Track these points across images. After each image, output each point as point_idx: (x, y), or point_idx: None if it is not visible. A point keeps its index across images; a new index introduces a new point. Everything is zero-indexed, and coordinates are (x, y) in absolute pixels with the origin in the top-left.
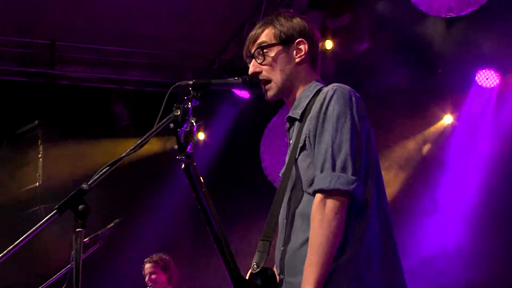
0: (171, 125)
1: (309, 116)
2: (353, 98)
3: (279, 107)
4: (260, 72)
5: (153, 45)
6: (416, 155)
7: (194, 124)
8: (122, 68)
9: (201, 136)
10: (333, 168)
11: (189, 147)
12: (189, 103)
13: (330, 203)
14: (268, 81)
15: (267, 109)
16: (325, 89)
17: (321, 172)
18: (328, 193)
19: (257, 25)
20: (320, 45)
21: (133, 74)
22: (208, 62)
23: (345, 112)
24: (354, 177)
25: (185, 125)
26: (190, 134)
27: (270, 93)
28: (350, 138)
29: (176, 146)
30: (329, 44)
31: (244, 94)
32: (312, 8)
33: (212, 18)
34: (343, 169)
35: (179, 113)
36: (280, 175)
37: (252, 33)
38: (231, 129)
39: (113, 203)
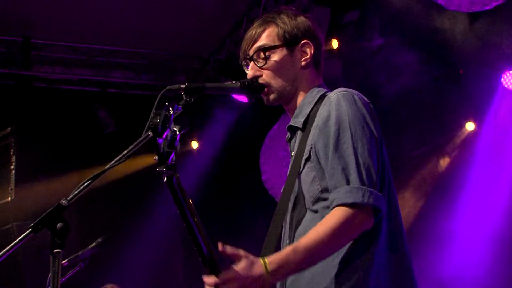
0: (150, 133)
1: (314, 125)
2: (363, 104)
3: (281, 113)
4: (260, 76)
5: (140, 43)
6: (433, 170)
7: (178, 132)
8: (106, 68)
9: (194, 145)
10: (362, 182)
11: (170, 157)
12: (170, 110)
13: (361, 217)
14: (268, 85)
15: (268, 114)
16: (331, 95)
17: (347, 184)
18: (359, 208)
19: (256, 23)
20: (324, 46)
21: (118, 76)
22: (201, 62)
23: (360, 120)
24: (380, 194)
25: (165, 133)
26: (172, 143)
27: (270, 97)
28: (371, 149)
29: (155, 157)
30: (335, 43)
31: (242, 98)
32: (317, 4)
33: (206, 13)
34: (372, 184)
35: (158, 120)
36: (281, 191)
37: (251, 32)
38: (227, 137)
39: (96, 221)
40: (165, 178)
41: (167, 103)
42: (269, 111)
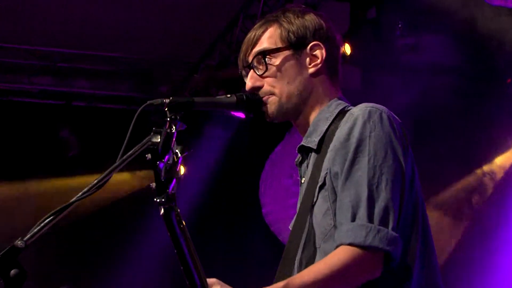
0: (148, 155)
1: (331, 146)
2: (394, 124)
3: (285, 131)
4: (261, 87)
5: (114, 45)
6: (473, 198)
7: (180, 155)
8: (71, 77)
9: (180, 170)
10: (370, 218)
11: (171, 186)
12: (173, 127)
13: (362, 262)
14: (270, 96)
15: (269, 132)
16: (354, 110)
17: (352, 220)
18: (360, 249)
19: (257, 24)
20: (342, 50)
21: (85, 85)
22: (188, 69)
23: (384, 143)
24: (395, 234)
25: (166, 157)
26: (174, 169)
27: (271, 109)
28: (393, 179)
29: (153, 185)
30: (347, 48)
31: (238, 113)
32: None
33: (193, 10)
34: (383, 221)
35: (159, 139)
36: (290, 228)
37: (250, 35)
38: (220, 161)
39: (59, 264)
40: (162, 211)
41: (168, 118)
42: (271, 128)
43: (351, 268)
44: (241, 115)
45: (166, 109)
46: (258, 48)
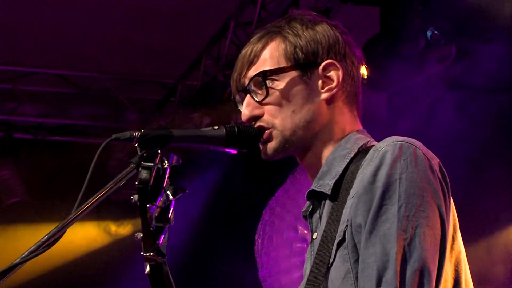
0: (133, 198)
1: (352, 191)
2: (431, 163)
3: (288, 170)
4: (260, 116)
5: (66, 61)
6: None
7: (172, 197)
8: (12, 101)
9: None
10: (401, 283)
11: (162, 236)
12: (165, 161)
13: None
14: (268, 128)
15: (268, 173)
16: (380, 145)
17: (378, 286)
18: None
19: (255, 37)
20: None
21: (30, 112)
22: (165, 91)
23: (420, 187)
24: None
25: (159, 199)
26: (166, 214)
27: (271, 145)
28: (430, 234)
29: (139, 234)
30: (363, 70)
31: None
32: (345, 1)
33: (172, 17)
34: (419, 284)
35: (148, 176)
36: None
37: (247, 50)
38: (206, 204)
39: None
40: (148, 268)
41: (159, 151)
42: (270, 167)
43: None
44: (232, 150)
45: (136, 144)
46: (256, 68)
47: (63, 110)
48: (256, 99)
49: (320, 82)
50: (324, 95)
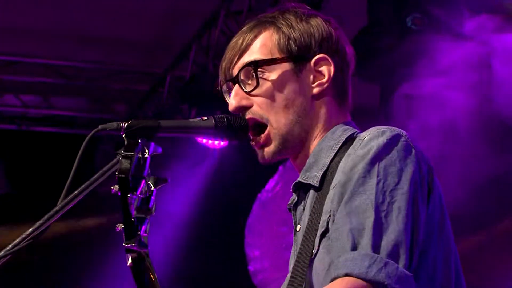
0: (114, 188)
1: (334, 181)
2: (414, 150)
3: (278, 163)
4: (248, 107)
5: (52, 49)
6: None
7: (153, 187)
8: None
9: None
10: (375, 248)
11: (143, 227)
12: (146, 150)
13: None
14: (263, 126)
15: (258, 165)
16: (364, 134)
17: (353, 249)
18: (360, 282)
19: (247, 26)
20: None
21: (13, 102)
22: (153, 82)
23: (400, 168)
24: (408, 273)
25: (139, 189)
26: (147, 205)
27: (269, 151)
28: (407, 211)
29: (121, 225)
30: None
31: (218, 139)
32: None
33: (160, 5)
34: (392, 255)
35: (129, 165)
36: None
37: (238, 39)
38: (194, 198)
39: None
40: (131, 259)
41: (139, 140)
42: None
43: None
44: (221, 141)
45: (123, 134)
46: (247, 57)
47: (48, 101)
48: (245, 90)
49: (311, 76)
50: (315, 90)
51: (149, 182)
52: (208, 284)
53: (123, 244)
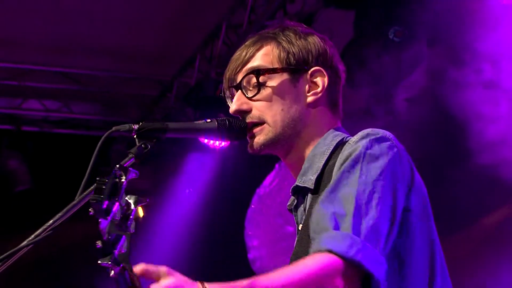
0: (91, 210)
1: (328, 182)
2: (395, 147)
3: (275, 160)
4: (248, 111)
5: (70, 59)
6: None
7: (133, 206)
8: (20, 97)
9: (139, 211)
10: (356, 231)
11: (119, 245)
12: (123, 176)
13: (340, 275)
14: (260, 124)
15: (256, 161)
16: (352, 139)
17: (334, 229)
18: (341, 260)
19: (250, 41)
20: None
21: (37, 107)
22: (161, 88)
23: (382, 163)
24: (382, 257)
25: (114, 209)
26: (124, 223)
27: (259, 139)
28: (385, 201)
29: (99, 243)
30: None
31: (219, 140)
32: (327, 5)
33: (168, 20)
34: (370, 239)
35: (104, 191)
36: None
37: (242, 52)
38: (200, 193)
39: None
40: (112, 273)
41: (116, 166)
42: (258, 157)
43: (326, 279)
44: (223, 141)
45: (135, 135)
46: (250, 65)
47: (67, 105)
48: (247, 95)
49: (307, 86)
50: (309, 98)
51: (129, 201)
52: (212, 271)
53: (98, 262)
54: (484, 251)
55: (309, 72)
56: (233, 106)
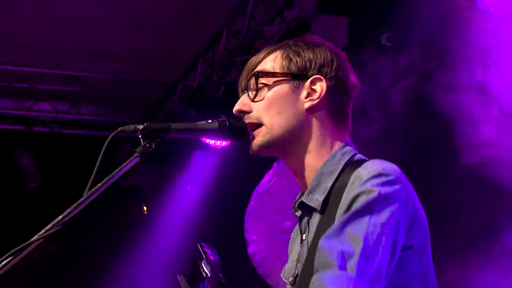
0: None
1: (338, 210)
2: (403, 190)
3: (274, 160)
4: (248, 112)
5: (78, 62)
6: None
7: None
8: (31, 99)
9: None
10: (360, 273)
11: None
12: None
13: None
14: (260, 126)
15: (255, 160)
16: (363, 173)
17: (340, 267)
18: None
19: (265, 48)
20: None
21: (47, 109)
22: (165, 90)
23: (393, 207)
24: None
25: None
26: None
27: (258, 140)
28: (389, 244)
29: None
30: None
31: (220, 140)
32: (322, 12)
33: (171, 25)
34: (373, 281)
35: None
36: (286, 280)
37: (253, 58)
38: (203, 190)
39: None
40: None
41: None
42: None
43: None
44: (224, 141)
45: (139, 135)
46: (256, 69)
47: (75, 107)
48: (250, 97)
49: (305, 92)
50: (306, 104)
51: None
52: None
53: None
54: (471, 250)
55: (310, 79)
56: (235, 107)
